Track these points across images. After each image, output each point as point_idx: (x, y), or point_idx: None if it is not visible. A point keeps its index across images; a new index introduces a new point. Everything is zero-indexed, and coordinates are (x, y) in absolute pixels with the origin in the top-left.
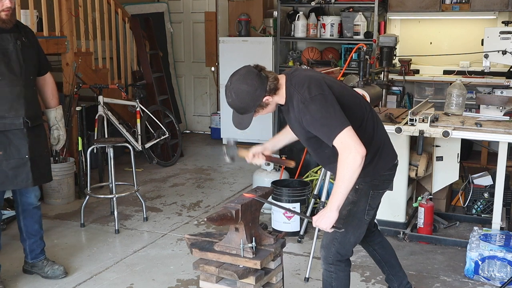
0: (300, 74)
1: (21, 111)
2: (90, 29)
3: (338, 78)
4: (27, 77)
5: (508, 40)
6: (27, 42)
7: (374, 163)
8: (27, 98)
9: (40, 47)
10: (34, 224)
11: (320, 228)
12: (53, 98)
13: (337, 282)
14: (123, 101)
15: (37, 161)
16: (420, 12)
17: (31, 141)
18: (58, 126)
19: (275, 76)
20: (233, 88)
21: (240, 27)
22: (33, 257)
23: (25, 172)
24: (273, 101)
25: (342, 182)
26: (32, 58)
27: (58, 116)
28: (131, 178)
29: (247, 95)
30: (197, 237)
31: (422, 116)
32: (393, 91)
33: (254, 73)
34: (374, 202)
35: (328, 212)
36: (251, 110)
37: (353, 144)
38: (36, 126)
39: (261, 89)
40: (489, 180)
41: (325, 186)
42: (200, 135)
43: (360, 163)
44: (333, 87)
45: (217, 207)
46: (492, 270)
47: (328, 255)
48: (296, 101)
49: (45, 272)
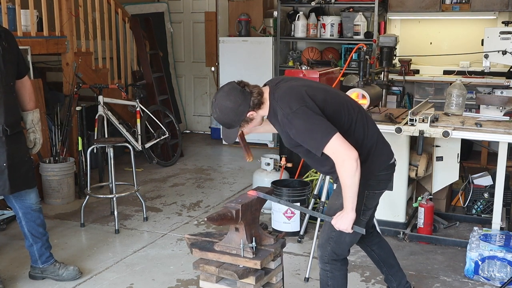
0: (283, 86)
1: (1, 118)
2: (90, 29)
3: (338, 78)
4: (7, 83)
5: (508, 40)
6: (7, 46)
7: (367, 164)
8: (6, 105)
9: (19, 50)
10: (38, 227)
11: (341, 230)
12: (30, 101)
13: (333, 281)
14: (123, 101)
15: (17, 168)
16: (420, 12)
17: (10, 149)
18: (34, 129)
19: (259, 91)
20: (217, 104)
21: (240, 27)
22: (43, 261)
23: (2, 180)
24: (258, 115)
25: (347, 188)
26: (13, 63)
27: (35, 119)
28: (131, 178)
29: (230, 111)
30: (197, 237)
31: (422, 116)
32: (393, 91)
33: (237, 90)
34: (370, 202)
35: (345, 214)
36: (236, 125)
37: (343, 151)
38: (17, 133)
39: (244, 105)
40: (489, 180)
41: (325, 186)
42: (200, 135)
43: (356, 166)
44: (316, 96)
45: (217, 207)
46: (492, 270)
47: (324, 254)
48: (280, 116)
49: (60, 275)
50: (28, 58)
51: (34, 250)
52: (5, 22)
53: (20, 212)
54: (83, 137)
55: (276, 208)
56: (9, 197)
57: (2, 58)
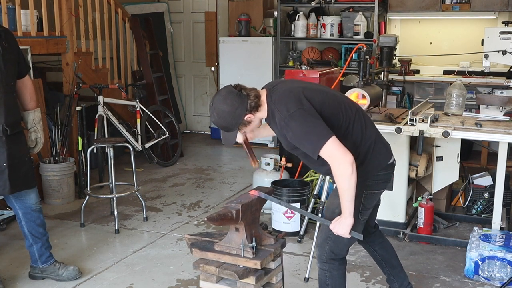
0: (280, 89)
1: (1, 118)
2: (90, 29)
3: (338, 78)
4: (7, 83)
5: (508, 40)
6: (7, 46)
7: (365, 164)
8: (7, 105)
9: (20, 50)
10: (38, 228)
11: (339, 234)
12: (31, 100)
13: (331, 280)
14: (123, 101)
15: (17, 168)
16: (420, 12)
17: (10, 149)
18: (36, 128)
19: (256, 94)
20: (215, 108)
21: (240, 27)
22: (43, 261)
23: (2, 180)
24: (256, 118)
25: (343, 192)
26: (13, 63)
27: (36, 118)
28: (131, 178)
29: (228, 115)
30: (197, 237)
31: (422, 116)
32: (393, 91)
33: (234, 93)
34: (368, 202)
35: (343, 219)
36: (234, 128)
37: (339, 155)
38: (17, 133)
39: (241, 108)
40: (489, 180)
41: (325, 186)
42: (200, 135)
43: (351, 170)
44: (314, 99)
45: (217, 207)
46: (492, 270)
47: (322, 253)
48: (278, 119)
49: (60, 275)
50: (28, 58)
51: (34, 250)
52: (5, 22)
53: (20, 212)
54: (83, 137)
55: (276, 208)
56: (9, 197)
57: (2, 58)
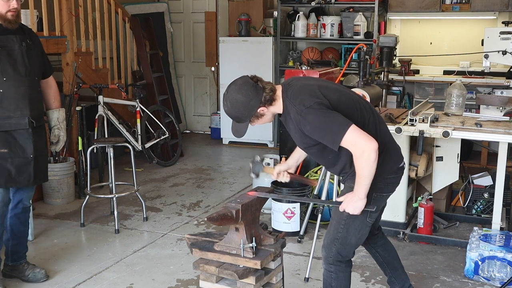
0: (296, 85)
1: (26, 111)
2: (90, 29)
3: (338, 78)
4: (32, 77)
5: (508, 40)
6: (31, 44)
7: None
8: (32, 99)
9: (43, 51)
10: (20, 226)
11: (348, 211)
12: (55, 100)
13: (337, 282)
14: (123, 101)
15: (40, 160)
16: (420, 12)
17: (35, 141)
18: (59, 126)
19: (272, 88)
20: (229, 97)
21: (240, 27)
22: (14, 260)
23: (28, 171)
24: (269, 112)
25: (363, 178)
26: (37, 60)
27: (60, 117)
28: (131, 178)
29: (241, 105)
30: (197, 237)
31: (422, 116)
32: (393, 91)
33: (250, 84)
34: (377, 204)
35: (356, 198)
36: (246, 119)
37: (362, 142)
38: (40, 126)
39: (256, 99)
40: (489, 180)
41: (325, 186)
42: (200, 135)
43: (375, 157)
44: (329, 96)
45: (217, 207)
46: (492, 270)
47: (329, 255)
48: (293, 113)
49: (26, 276)
50: None
51: (9, 246)
52: None
53: (10, 205)
54: (83, 137)
55: (276, 208)
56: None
57: (27, 54)
